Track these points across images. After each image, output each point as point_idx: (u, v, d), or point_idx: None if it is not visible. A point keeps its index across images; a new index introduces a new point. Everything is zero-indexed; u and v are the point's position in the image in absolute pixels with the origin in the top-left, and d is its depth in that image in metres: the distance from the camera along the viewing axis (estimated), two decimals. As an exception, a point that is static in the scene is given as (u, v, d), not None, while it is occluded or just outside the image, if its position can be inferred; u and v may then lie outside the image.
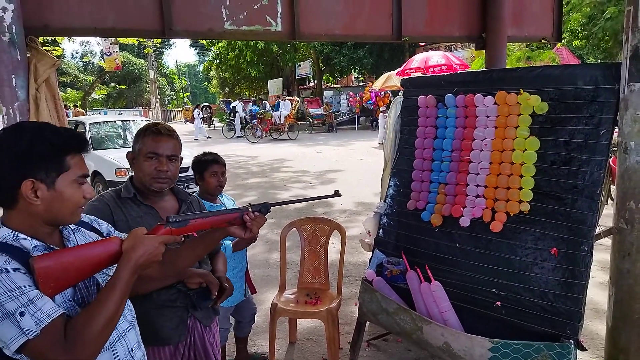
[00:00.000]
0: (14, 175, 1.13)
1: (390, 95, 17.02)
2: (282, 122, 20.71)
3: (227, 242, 2.67)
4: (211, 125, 27.98)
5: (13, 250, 1.13)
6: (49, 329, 1.06)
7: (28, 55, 2.54)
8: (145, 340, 1.65)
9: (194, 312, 1.83)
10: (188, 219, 1.36)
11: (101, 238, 1.36)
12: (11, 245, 1.14)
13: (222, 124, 25.98)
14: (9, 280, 1.06)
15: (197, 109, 24.51)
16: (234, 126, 22.86)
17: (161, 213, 1.78)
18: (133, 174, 1.82)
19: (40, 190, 1.15)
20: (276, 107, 21.84)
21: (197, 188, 2.86)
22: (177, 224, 1.33)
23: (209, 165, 2.73)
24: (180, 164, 1.86)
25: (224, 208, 2.80)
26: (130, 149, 1.84)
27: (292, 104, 21.55)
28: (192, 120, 23.06)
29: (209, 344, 1.92)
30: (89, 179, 1.28)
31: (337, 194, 1.76)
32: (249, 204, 1.49)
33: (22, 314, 1.05)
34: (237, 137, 21.80)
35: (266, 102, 24.34)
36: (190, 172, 2.97)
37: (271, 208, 1.56)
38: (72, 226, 1.34)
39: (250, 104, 24.90)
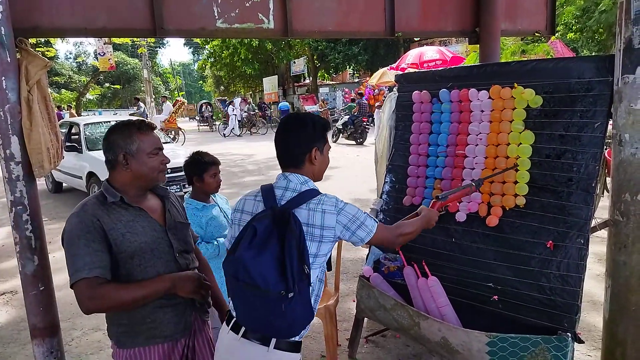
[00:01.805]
0: (308, 145, 1.68)
1: (386, 92, 17.00)
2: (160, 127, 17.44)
3: (221, 240, 2.66)
4: (213, 126, 27.26)
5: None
6: (378, 226, 1.68)
7: (18, 57, 2.51)
8: (148, 337, 1.70)
9: (194, 308, 1.83)
10: (447, 195, 2.17)
11: None
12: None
13: (219, 122, 25.90)
14: (351, 208, 1.64)
15: (231, 105, 23.33)
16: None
17: (150, 213, 1.74)
18: (112, 176, 1.72)
19: (318, 155, 1.70)
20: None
21: (190, 188, 2.84)
22: (443, 199, 2.14)
23: (209, 167, 2.71)
24: None
25: (218, 207, 2.79)
26: None
27: (175, 106, 18.51)
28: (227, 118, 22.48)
29: (206, 339, 1.92)
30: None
31: (515, 166, 2.43)
32: (472, 181, 2.41)
33: (367, 217, 1.66)
34: (237, 135, 21.70)
35: (142, 103, 20.43)
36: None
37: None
38: None
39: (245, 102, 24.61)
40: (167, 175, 1.89)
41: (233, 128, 21.98)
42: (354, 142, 15.37)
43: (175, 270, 1.73)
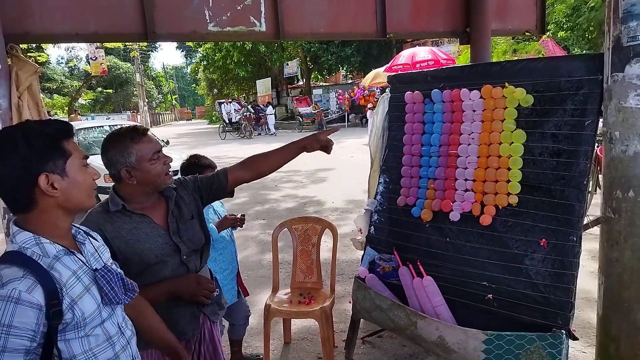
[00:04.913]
0: (27, 176, 1.14)
1: (377, 92, 17.05)
2: None
3: (211, 225, 2.65)
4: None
5: (34, 266, 1.11)
6: None
7: (9, 63, 2.50)
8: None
9: (203, 308, 1.87)
10: None
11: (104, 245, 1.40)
12: (29, 258, 1.12)
13: (217, 125, 25.87)
14: (10, 315, 1.04)
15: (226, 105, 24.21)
16: (225, 127, 23.14)
17: (154, 218, 1.73)
18: (118, 186, 1.73)
19: (57, 182, 1.17)
20: None
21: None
22: None
23: (205, 170, 2.70)
24: None
25: (212, 209, 2.79)
26: None
27: None
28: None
29: (216, 338, 1.97)
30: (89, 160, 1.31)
31: None
32: None
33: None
34: (273, 134, 22.14)
35: None
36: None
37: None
38: (83, 231, 1.34)
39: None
40: None
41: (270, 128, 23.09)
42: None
43: (184, 274, 1.76)
